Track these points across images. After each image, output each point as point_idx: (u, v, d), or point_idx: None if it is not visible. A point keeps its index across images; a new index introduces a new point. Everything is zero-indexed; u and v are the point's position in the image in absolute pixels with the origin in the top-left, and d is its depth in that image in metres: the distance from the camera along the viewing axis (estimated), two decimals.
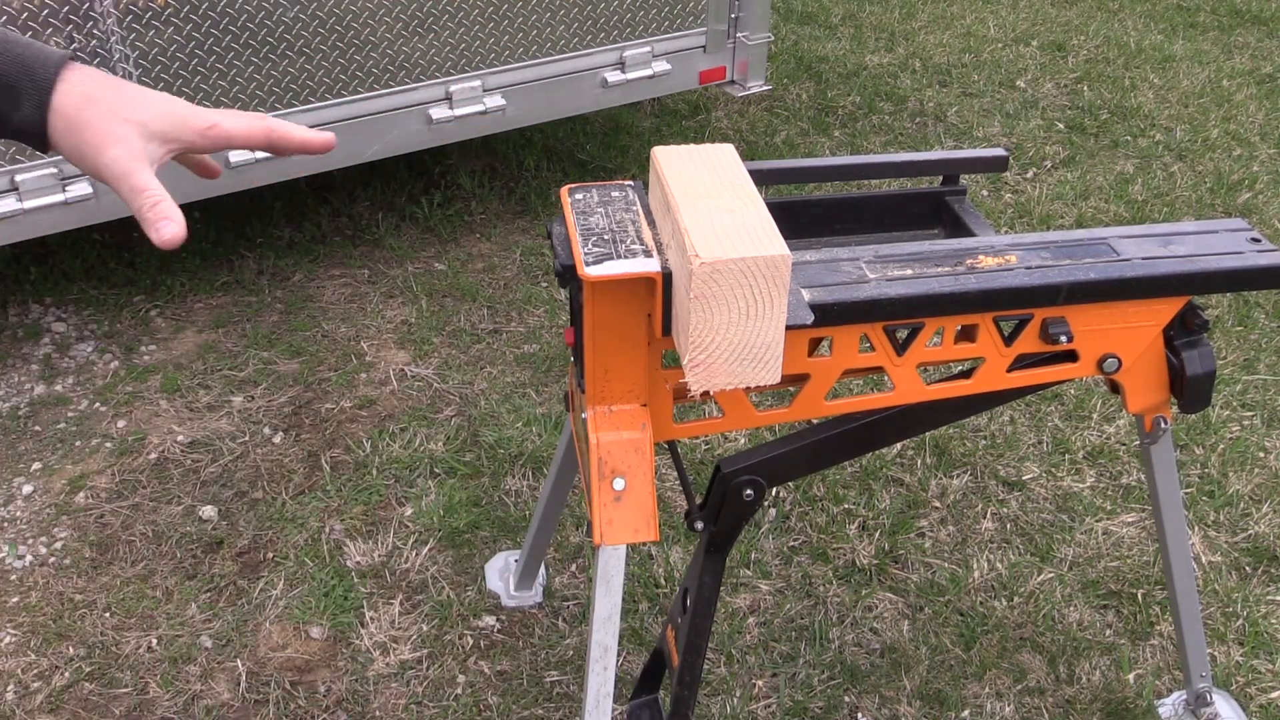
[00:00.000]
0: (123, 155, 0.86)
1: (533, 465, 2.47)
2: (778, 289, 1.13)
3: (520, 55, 3.05)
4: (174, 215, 0.86)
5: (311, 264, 3.22)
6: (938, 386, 1.45)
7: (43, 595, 2.17)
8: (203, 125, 0.89)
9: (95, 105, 0.86)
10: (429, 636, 2.08)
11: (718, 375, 1.18)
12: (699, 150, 1.31)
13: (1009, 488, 2.46)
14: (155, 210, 0.85)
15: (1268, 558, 2.28)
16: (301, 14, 2.68)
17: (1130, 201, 3.62)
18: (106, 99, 0.86)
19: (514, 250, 3.30)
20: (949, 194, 1.68)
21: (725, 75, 3.46)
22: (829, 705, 1.96)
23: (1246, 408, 2.71)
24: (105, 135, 0.86)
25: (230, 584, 2.20)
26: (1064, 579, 2.22)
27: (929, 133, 4.08)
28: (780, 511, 2.37)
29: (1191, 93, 4.43)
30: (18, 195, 2.49)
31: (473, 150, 3.81)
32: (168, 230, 0.85)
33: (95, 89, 0.86)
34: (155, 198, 0.86)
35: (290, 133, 0.93)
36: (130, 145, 0.86)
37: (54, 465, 2.48)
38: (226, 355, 2.83)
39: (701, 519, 1.50)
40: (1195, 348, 1.48)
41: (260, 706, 1.96)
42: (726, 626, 2.10)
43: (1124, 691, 2.00)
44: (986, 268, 1.39)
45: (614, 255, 1.22)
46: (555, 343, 2.89)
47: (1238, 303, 3.09)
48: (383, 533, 2.30)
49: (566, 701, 1.97)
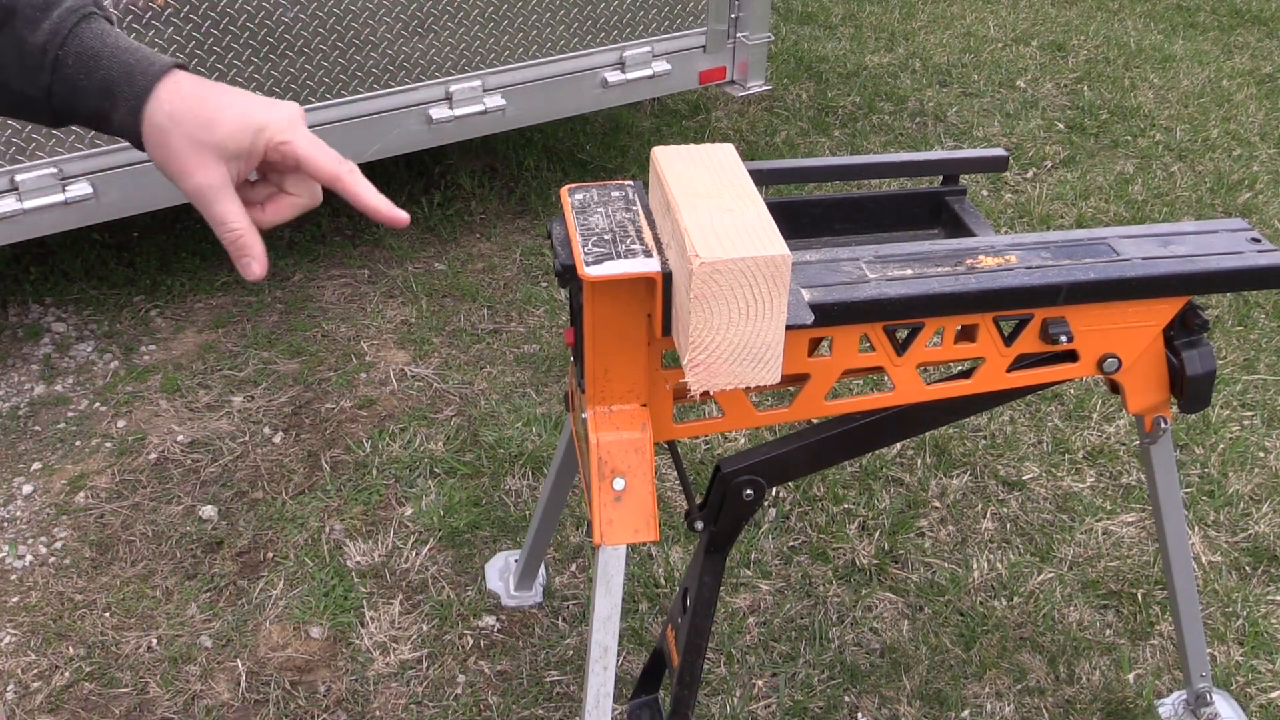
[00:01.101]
0: (204, 184, 0.88)
1: (533, 465, 2.47)
2: (778, 289, 1.13)
3: (520, 55, 3.05)
4: (254, 251, 0.89)
5: (311, 264, 3.22)
6: (938, 386, 1.45)
7: (43, 595, 2.17)
8: (278, 140, 0.90)
9: (178, 128, 0.87)
10: (429, 636, 2.08)
11: (718, 375, 1.18)
12: (699, 150, 1.31)
13: (1009, 488, 2.46)
14: (236, 245, 0.89)
15: (1268, 558, 2.28)
16: (301, 14, 2.68)
17: (1130, 201, 3.62)
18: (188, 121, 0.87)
19: (514, 250, 3.30)
20: (949, 194, 1.68)
21: (725, 75, 3.46)
22: (829, 705, 1.96)
23: (1246, 408, 2.71)
24: (186, 163, 0.87)
25: (230, 584, 2.20)
26: (1064, 579, 2.22)
27: (929, 133, 4.08)
28: (780, 511, 2.37)
29: (1191, 93, 4.43)
30: (18, 195, 2.49)
31: (473, 150, 3.81)
32: (250, 269, 0.89)
33: (180, 107, 0.87)
34: (236, 231, 0.88)
35: (361, 190, 0.92)
36: (210, 173, 0.88)
37: (54, 465, 2.48)
38: (226, 355, 2.83)
39: (701, 519, 1.50)
40: (1195, 348, 1.48)
41: (260, 706, 1.96)
42: (726, 626, 2.10)
43: (1124, 691, 2.00)
44: (986, 268, 1.39)
45: (614, 255, 1.22)
46: (555, 343, 2.89)
47: (1238, 303, 3.09)
48: (383, 533, 2.30)
49: (566, 701, 1.97)
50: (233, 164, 0.89)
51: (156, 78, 0.87)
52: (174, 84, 0.88)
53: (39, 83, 0.87)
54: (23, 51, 0.86)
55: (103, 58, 0.87)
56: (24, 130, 2.44)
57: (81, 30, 0.87)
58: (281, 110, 0.91)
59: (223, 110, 0.88)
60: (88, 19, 0.88)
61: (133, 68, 0.87)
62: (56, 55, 0.86)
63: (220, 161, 0.88)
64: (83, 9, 0.88)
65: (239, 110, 0.89)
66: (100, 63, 0.87)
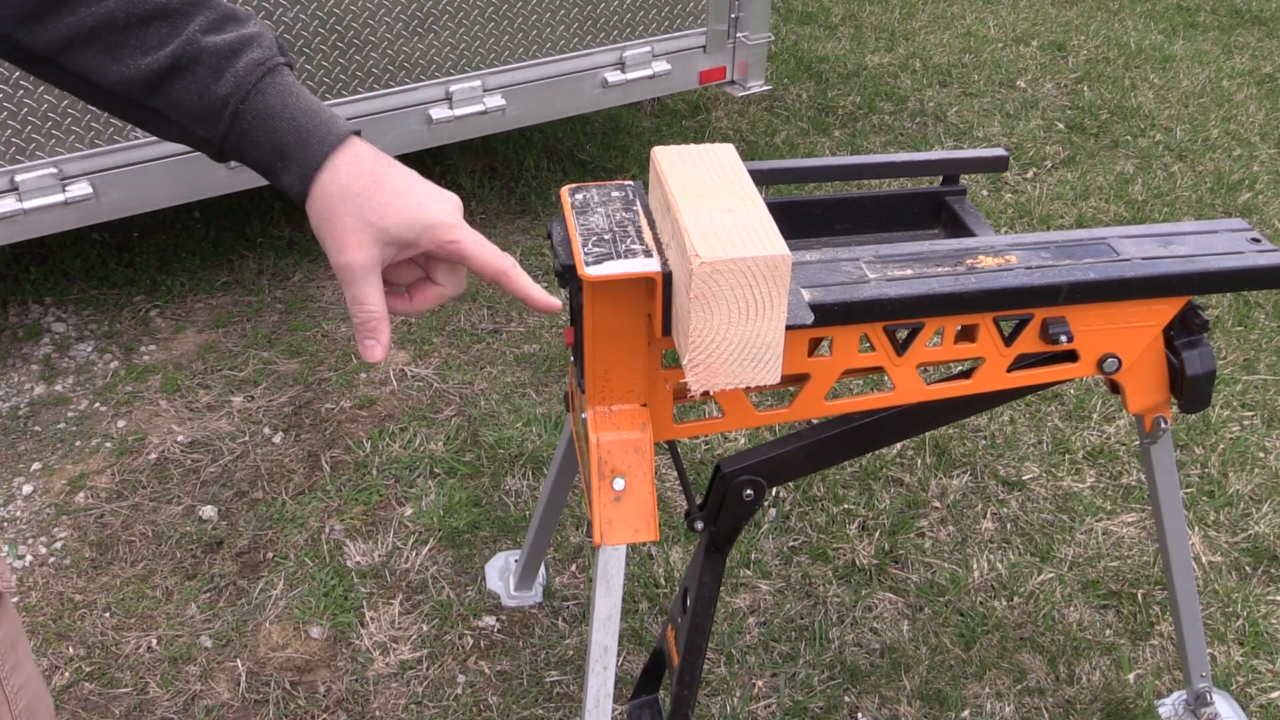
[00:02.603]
0: (356, 263, 0.87)
1: (533, 465, 2.47)
2: (778, 289, 1.13)
3: (520, 55, 3.05)
4: (382, 338, 0.90)
5: (311, 264, 3.22)
6: (938, 386, 1.45)
7: (43, 595, 2.17)
8: (446, 239, 0.90)
9: (349, 204, 0.87)
10: (429, 636, 2.08)
11: (718, 375, 1.18)
12: (699, 150, 1.31)
13: (1009, 488, 2.46)
14: (365, 328, 0.89)
15: (1268, 558, 2.28)
16: (301, 14, 2.68)
17: (1130, 201, 3.62)
18: (361, 198, 0.87)
19: (514, 250, 3.30)
20: (949, 194, 1.68)
21: (725, 75, 3.46)
22: (829, 705, 1.96)
23: (1246, 408, 2.71)
24: (346, 238, 0.87)
25: (230, 584, 2.20)
26: (1064, 579, 2.22)
27: (929, 133, 4.08)
28: (780, 511, 2.37)
29: (1191, 93, 4.43)
30: (18, 195, 2.49)
31: (473, 150, 3.81)
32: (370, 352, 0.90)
33: (356, 185, 0.87)
34: (371, 315, 0.89)
35: (525, 284, 0.93)
36: (365, 254, 0.87)
37: (54, 465, 2.48)
38: (226, 355, 2.83)
39: (701, 519, 1.50)
40: (1195, 348, 1.48)
41: (260, 706, 1.96)
42: (726, 626, 2.10)
43: (1124, 691, 2.00)
44: (986, 268, 1.39)
45: (614, 255, 1.22)
46: (555, 343, 2.89)
47: (1238, 303, 3.09)
48: (383, 533, 2.30)
49: (566, 701, 1.97)
50: (389, 249, 0.89)
51: (333, 147, 0.87)
52: (353, 157, 0.88)
53: (215, 131, 0.87)
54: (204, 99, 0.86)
55: (282, 119, 0.87)
56: (24, 130, 2.44)
57: (265, 86, 0.87)
58: (448, 205, 0.91)
59: (397, 197, 0.88)
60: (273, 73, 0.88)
61: (310, 134, 0.87)
62: (237, 109, 0.86)
63: (379, 245, 0.88)
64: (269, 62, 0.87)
65: (413, 201, 0.89)
66: (279, 124, 0.87)
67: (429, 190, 0.91)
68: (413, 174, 0.91)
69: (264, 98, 0.87)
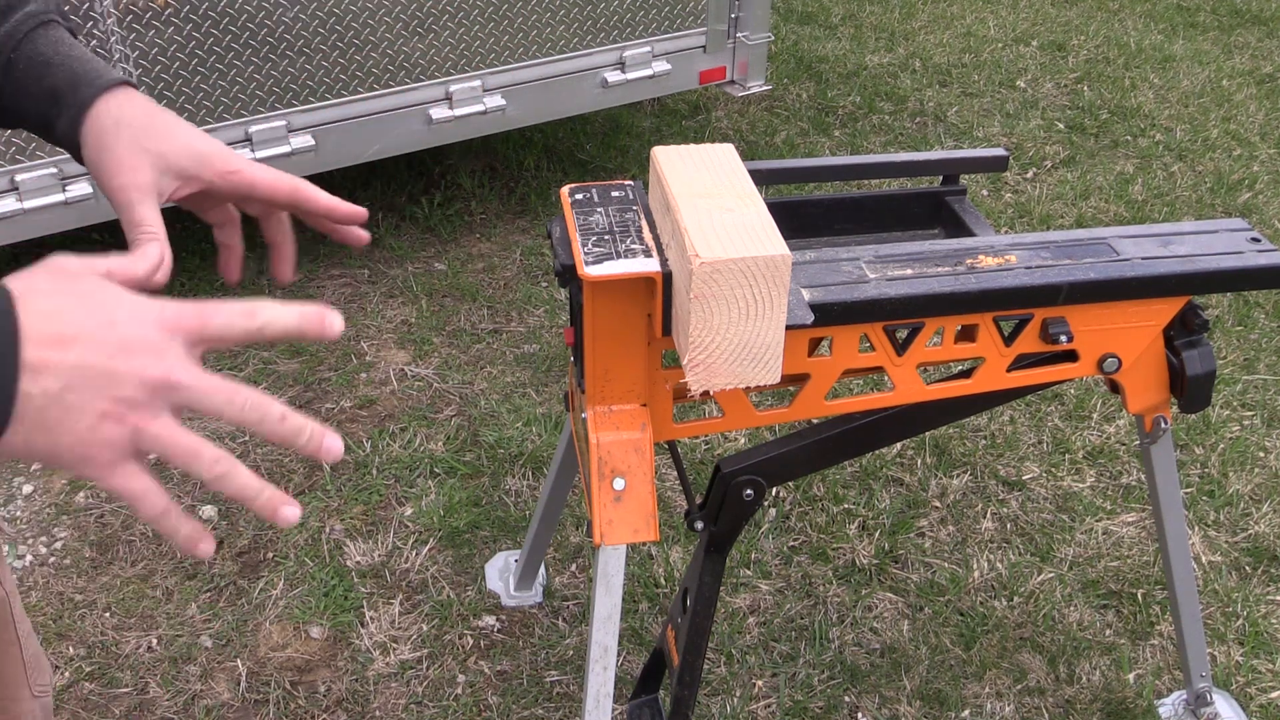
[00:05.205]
0: (130, 184, 0.84)
1: (533, 465, 2.47)
2: (778, 289, 1.13)
3: (520, 55, 3.05)
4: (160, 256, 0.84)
5: (311, 264, 3.22)
6: (938, 386, 1.45)
7: (43, 595, 2.17)
8: (226, 168, 0.88)
9: (122, 131, 0.85)
10: (429, 636, 2.08)
11: (718, 375, 1.18)
12: (699, 150, 1.31)
13: (1009, 488, 2.46)
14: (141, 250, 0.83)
15: (1268, 558, 2.28)
16: (301, 14, 2.68)
17: (1130, 201, 3.62)
18: (135, 126, 0.85)
19: (514, 250, 3.30)
20: (949, 194, 1.68)
21: (725, 75, 3.46)
22: (829, 705, 1.96)
23: (1246, 408, 2.71)
24: (121, 162, 0.85)
25: (230, 584, 2.20)
26: (1064, 579, 2.22)
27: (929, 133, 4.08)
28: (780, 511, 2.37)
29: (1191, 93, 4.43)
30: (18, 195, 2.49)
31: (473, 150, 3.81)
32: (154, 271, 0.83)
33: (129, 114, 0.86)
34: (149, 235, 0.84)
35: (317, 196, 0.92)
36: (141, 175, 0.85)
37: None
38: (226, 355, 2.83)
39: (701, 519, 1.50)
40: (1195, 348, 1.48)
41: (260, 706, 1.96)
42: (726, 626, 2.10)
43: (1124, 691, 2.00)
44: (986, 268, 1.39)
45: (614, 255, 1.22)
46: (555, 343, 2.89)
47: (1238, 303, 3.09)
48: (383, 533, 2.30)
49: (566, 701, 1.97)
50: (165, 180, 0.86)
51: (105, 88, 0.86)
52: (126, 96, 0.87)
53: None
54: None
55: (53, 65, 0.86)
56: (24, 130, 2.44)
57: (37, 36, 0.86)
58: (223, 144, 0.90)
59: (171, 128, 0.87)
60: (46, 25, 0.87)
61: (81, 77, 0.86)
62: (9, 58, 0.85)
63: (155, 169, 0.85)
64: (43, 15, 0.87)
65: (188, 134, 0.87)
66: (50, 69, 0.86)
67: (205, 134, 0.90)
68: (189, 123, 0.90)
69: (36, 46, 0.86)
